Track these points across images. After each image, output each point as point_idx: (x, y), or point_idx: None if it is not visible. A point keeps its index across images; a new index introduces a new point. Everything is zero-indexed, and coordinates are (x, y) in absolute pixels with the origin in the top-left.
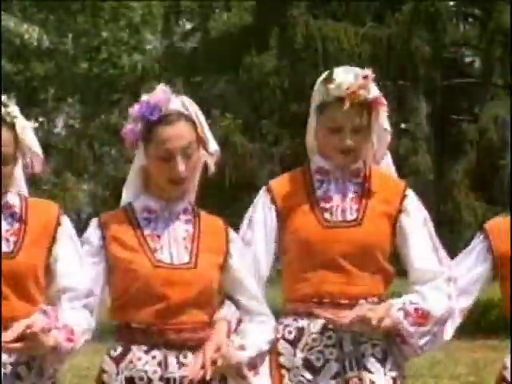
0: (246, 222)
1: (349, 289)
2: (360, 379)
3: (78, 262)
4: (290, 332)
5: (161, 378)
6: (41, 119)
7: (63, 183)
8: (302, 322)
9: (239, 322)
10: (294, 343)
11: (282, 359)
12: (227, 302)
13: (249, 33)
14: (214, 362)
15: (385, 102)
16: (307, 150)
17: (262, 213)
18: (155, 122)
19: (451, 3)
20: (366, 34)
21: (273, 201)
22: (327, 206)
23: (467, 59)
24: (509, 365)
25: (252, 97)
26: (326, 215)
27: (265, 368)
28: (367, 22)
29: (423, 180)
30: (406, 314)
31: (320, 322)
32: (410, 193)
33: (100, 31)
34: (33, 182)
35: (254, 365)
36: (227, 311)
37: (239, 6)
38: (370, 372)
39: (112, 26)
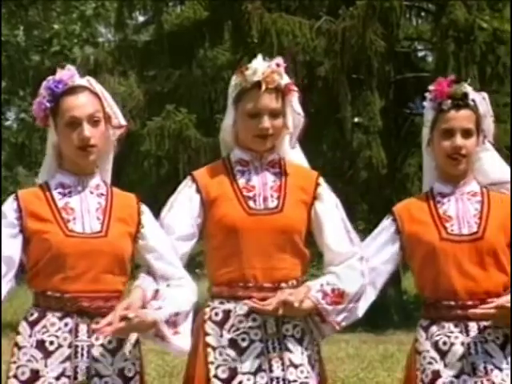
0: (167, 207)
1: (272, 273)
2: (281, 358)
3: None
4: (216, 314)
5: (70, 345)
6: None
7: (14, 176)
8: (229, 305)
9: (156, 292)
10: (220, 324)
11: (208, 339)
12: (142, 275)
13: (203, 26)
14: (124, 319)
15: (296, 88)
16: (221, 147)
17: (185, 199)
18: (61, 94)
19: None
20: (321, 28)
21: (198, 190)
22: (250, 194)
23: (420, 54)
24: (420, 338)
25: (206, 91)
26: (250, 203)
27: (187, 328)
28: (322, 15)
29: (377, 173)
30: (324, 295)
31: (245, 306)
32: (322, 181)
33: (52, 24)
34: None
35: (173, 323)
36: (142, 281)
37: None
38: (290, 352)
39: (64, 18)
